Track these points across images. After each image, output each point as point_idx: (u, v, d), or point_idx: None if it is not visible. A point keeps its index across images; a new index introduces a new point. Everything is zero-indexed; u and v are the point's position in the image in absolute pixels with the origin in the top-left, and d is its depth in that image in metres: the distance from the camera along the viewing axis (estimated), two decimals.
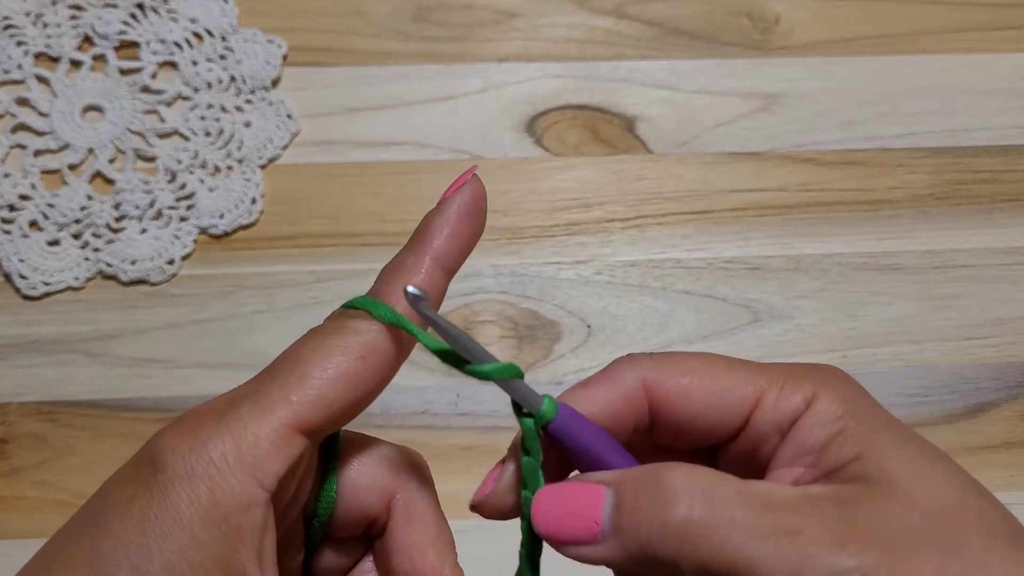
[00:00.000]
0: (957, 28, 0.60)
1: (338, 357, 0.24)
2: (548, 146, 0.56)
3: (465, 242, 0.26)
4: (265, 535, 0.23)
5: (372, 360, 0.24)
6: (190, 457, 0.22)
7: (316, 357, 0.24)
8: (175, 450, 0.22)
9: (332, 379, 0.23)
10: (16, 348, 0.49)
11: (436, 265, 0.25)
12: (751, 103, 0.57)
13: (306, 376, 0.23)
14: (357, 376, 0.24)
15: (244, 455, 0.22)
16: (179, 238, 0.52)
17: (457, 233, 0.26)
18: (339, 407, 0.23)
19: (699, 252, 0.53)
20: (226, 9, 0.57)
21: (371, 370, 0.24)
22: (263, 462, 0.22)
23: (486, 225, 0.27)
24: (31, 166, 0.53)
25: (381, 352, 0.24)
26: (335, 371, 0.23)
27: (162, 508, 0.22)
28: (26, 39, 0.56)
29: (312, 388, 0.23)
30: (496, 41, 0.58)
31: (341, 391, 0.23)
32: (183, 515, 0.22)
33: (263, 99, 0.55)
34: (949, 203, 0.55)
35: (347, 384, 0.23)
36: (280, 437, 0.23)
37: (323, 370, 0.23)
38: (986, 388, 0.51)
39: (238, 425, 0.23)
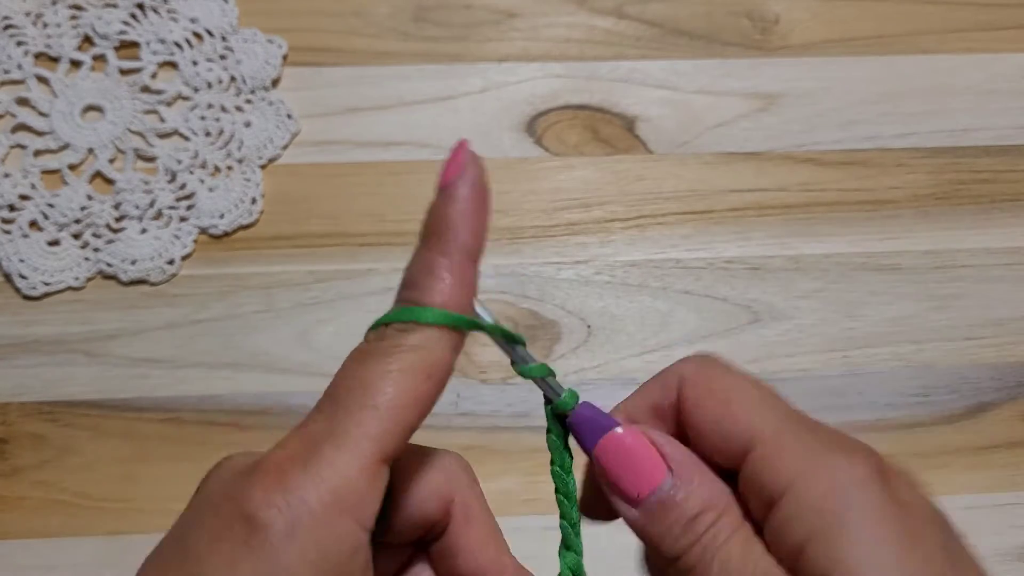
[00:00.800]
0: (957, 28, 0.60)
1: (407, 382, 0.23)
2: (548, 146, 0.56)
3: (484, 228, 0.25)
4: (368, 571, 0.22)
5: (438, 377, 0.24)
6: (289, 512, 0.21)
7: (384, 385, 0.23)
8: (272, 505, 0.21)
9: (405, 406, 0.23)
10: (16, 348, 0.49)
11: (467, 260, 0.25)
12: (751, 103, 0.57)
13: (380, 407, 0.23)
14: (427, 397, 0.23)
15: (343, 501, 0.22)
16: (179, 238, 0.52)
17: (476, 222, 0.25)
18: (413, 429, 0.23)
19: (699, 252, 0.53)
20: (226, 9, 0.57)
21: (438, 387, 0.24)
22: (361, 503, 0.22)
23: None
24: (31, 166, 0.53)
25: (444, 367, 0.24)
26: (407, 397, 0.23)
27: (272, 568, 0.21)
28: (26, 39, 0.56)
29: (388, 419, 0.23)
30: (496, 41, 0.58)
31: (414, 416, 0.23)
32: (291, 569, 0.21)
33: (263, 99, 0.55)
34: (949, 203, 0.55)
35: (419, 407, 0.23)
36: (371, 474, 0.22)
37: (395, 398, 0.23)
38: (986, 388, 0.51)
39: (328, 471, 0.22)
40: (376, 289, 0.51)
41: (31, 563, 0.46)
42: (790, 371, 0.51)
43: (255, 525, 0.21)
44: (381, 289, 0.51)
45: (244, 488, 0.22)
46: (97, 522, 0.46)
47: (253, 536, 0.21)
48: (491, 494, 0.27)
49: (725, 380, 0.25)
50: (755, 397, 0.24)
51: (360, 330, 0.26)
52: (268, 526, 0.21)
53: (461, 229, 0.25)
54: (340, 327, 0.50)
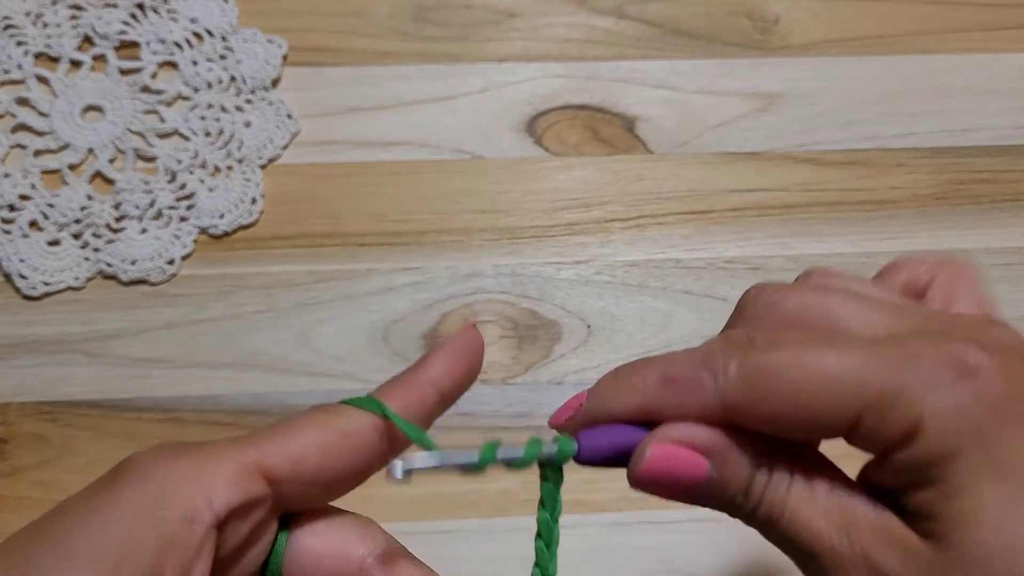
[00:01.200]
0: (957, 28, 0.60)
1: (321, 428, 0.25)
2: (548, 146, 0.56)
3: (462, 374, 0.27)
4: (198, 559, 0.23)
5: (352, 440, 0.25)
6: (150, 466, 0.23)
7: (301, 423, 0.25)
8: (138, 461, 0.23)
9: (308, 443, 0.24)
10: (16, 348, 0.49)
11: (433, 388, 0.27)
12: (751, 103, 0.57)
13: (283, 434, 0.24)
14: (334, 448, 0.25)
15: (202, 473, 0.23)
16: (179, 238, 0.52)
17: (455, 364, 0.27)
18: (309, 470, 0.24)
19: (699, 252, 0.53)
20: (226, 9, 0.57)
21: (349, 449, 0.25)
22: (218, 484, 0.23)
23: (487, 225, 0.28)
24: (31, 166, 0.53)
25: (363, 436, 0.25)
26: (313, 438, 0.25)
27: (110, 499, 0.22)
28: (26, 39, 0.56)
29: (286, 443, 0.24)
30: (496, 41, 0.58)
31: (313, 456, 0.24)
32: (127, 511, 0.22)
33: (263, 99, 0.55)
34: (949, 203, 0.55)
35: (322, 452, 0.24)
36: (242, 470, 0.23)
37: (302, 433, 0.25)
38: None
39: (204, 451, 0.24)
40: (376, 289, 0.51)
41: None
42: None
43: (118, 471, 0.23)
44: (381, 289, 0.51)
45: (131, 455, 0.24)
46: None
47: (112, 479, 0.23)
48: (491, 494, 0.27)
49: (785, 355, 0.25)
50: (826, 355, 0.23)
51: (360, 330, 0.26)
52: (126, 472, 0.23)
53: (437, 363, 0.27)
54: (340, 327, 0.50)
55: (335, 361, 0.50)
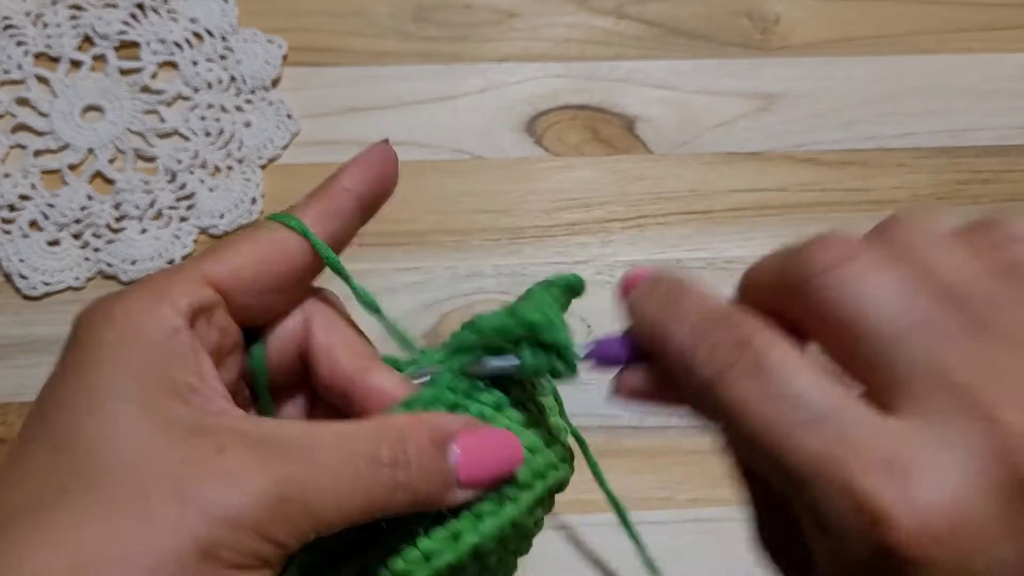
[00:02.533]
0: (957, 28, 0.60)
1: (253, 242, 0.27)
2: (548, 146, 0.56)
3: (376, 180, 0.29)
4: (198, 356, 0.25)
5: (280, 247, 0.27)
6: (106, 307, 0.25)
7: (236, 240, 0.27)
8: (91, 309, 0.25)
9: (243, 255, 0.27)
10: (16, 348, 0.49)
11: (348, 193, 0.29)
12: (751, 103, 0.57)
13: (222, 250, 0.27)
14: (266, 257, 0.27)
15: (157, 292, 0.25)
16: (179, 238, 0.52)
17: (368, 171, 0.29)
18: (248, 276, 0.27)
19: (699, 252, 0.53)
20: (226, 9, 0.57)
21: (280, 255, 0.27)
22: (175, 295, 0.25)
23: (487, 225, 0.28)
24: (31, 166, 0.53)
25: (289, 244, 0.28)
26: (247, 249, 0.27)
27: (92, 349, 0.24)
28: (26, 39, 0.56)
29: (225, 257, 0.27)
30: (496, 41, 0.58)
31: (250, 264, 0.27)
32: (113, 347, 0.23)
33: (263, 99, 0.55)
34: (949, 203, 0.55)
35: (257, 261, 0.27)
36: (189, 281, 0.25)
37: (238, 247, 0.27)
38: None
39: (149, 278, 0.26)
40: (376, 289, 0.51)
41: None
42: None
43: (77, 327, 0.25)
44: (381, 289, 0.51)
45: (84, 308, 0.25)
46: None
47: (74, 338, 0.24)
48: None
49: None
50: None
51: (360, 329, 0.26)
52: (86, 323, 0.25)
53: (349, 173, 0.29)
54: None
55: None
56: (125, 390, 0.23)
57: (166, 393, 0.23)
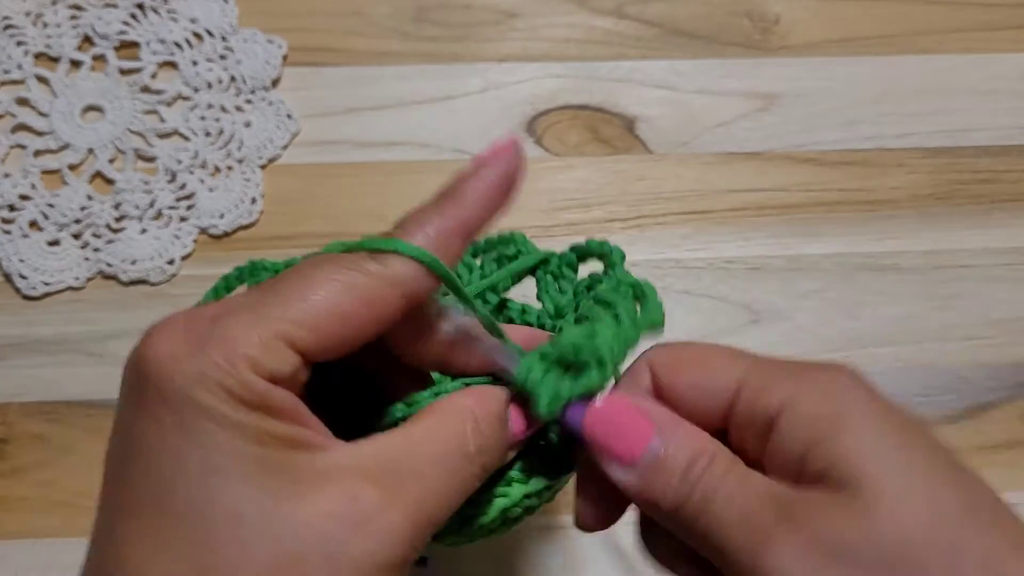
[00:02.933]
0: (957, 28, 0.60)
1: (344, 295, 0.24)
2: (548, 146, 0.56)
3: (488, 214, 0.27)
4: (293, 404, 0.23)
5: (376, 311, 0.24)
6: (192, 362, 0.22)
7: (320, 285, 0.24)
8: (171, 360, 0.23)
9: (329, 311, 0.24)
10: (16, 348, 0.49)
11: (459, 230, 0.26)
12: (751, 103, 0.57)
13: (304, 300, 0.24)
14: (356, 319, 0.24)
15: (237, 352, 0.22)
16: (179, 238, 0.52)
17: (489, 205, 0.26)
18: (333, 340, 0.24)
19: (699, 252, 0.53)
20: (226, 9, 0.57)
21: (373, 320, 0.24)
22: (255, 359, 0.22)
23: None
24: (31, 166, 0.53)
25: (386, 306, 0.25)
26: (334, 305, 0.24)
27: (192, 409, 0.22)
28: (26, 39, 0.56)
29: (307, 314, 0.23)
30: (496, 41, 0.58)
31: (334, 326, 0.24)
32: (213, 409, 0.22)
33: (263, 99, 0.55)
34: (949, 203, 0.55)
35: (344, 323, 0.24)
36: (270, 345, 0.23)
37: (324, 300, 0.24)
38: (986, 388, 0.51)
39: (228, 334, 0.23)
40: None
41: (31, 563, 0.46)
42: None
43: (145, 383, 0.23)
44: None
45: (144, 347, 0.23)
46: None
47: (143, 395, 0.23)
48: None
49: (691, 348, 0.27)
50: (725, 352, 0.26)
51: None
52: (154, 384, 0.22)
53: (468, 203, 0.26)
54: None
55: None
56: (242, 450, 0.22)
57: (278, 446, 0.22)
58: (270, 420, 0.22)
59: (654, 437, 0.25)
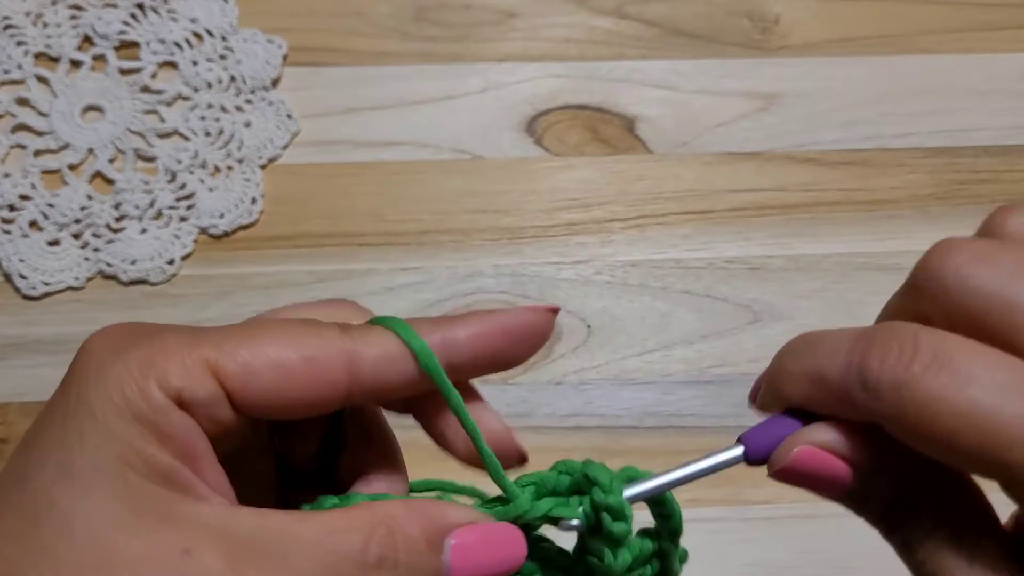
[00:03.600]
0: (957, 28, 0.60)
1: (289, 346, 0.23)
2: (548, 146, 0.56)
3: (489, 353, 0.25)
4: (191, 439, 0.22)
5: (315, 368, 0.23)
6: (106, 358, 0.22)
7: (269, 333, 0.23)
8: (94, 352, 0.23)
9: (267, 358, 0.22)
10: (16, 348, 0.49)
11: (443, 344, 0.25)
12: (751, 103, 0.57)
13: (247, 339, 0.23)
14: (293, 371, 0.23)
15: (155, 363, 0.22)
16: (179, 238, 0.52)
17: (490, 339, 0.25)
18: (261, 386, 0.22)
19: (699, 252, 0.53)
20: (226, 9, 0.57)
21: (309, 376, 0.23)
22: (170, 376, 0.22)
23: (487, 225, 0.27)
24: (31, 166, 0.53)
25: (328, 368, 0.23)
26: (276, 353, 0.23)
27: (79, 406, 0.22)
28: (26, 39, 0.56)
29: (245, 351, 0.22)
30: (496, 41, 0.58)
31: (269, 373, 0.22)
32: (99, 411, 0.21)
33: (263, 99, 0.55)
34: (949, 203, 0.55)
35: (278, 372, 0.23)
36: (193, 364, 0.22)
37: (266, 344, 0.23)
38: None
39: (159, 339, 0.22)
40: (376, 289, 0.51)
41: None
42: None
43: (73, 369, 0.23)
44: (381, 289, 0.51)
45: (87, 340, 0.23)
46: None
47: (69, 379, 0.22)
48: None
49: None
50: None
51: None
52: (81, 370, 0.22)
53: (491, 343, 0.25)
54: None
55: None
56: (103, 463, 0.21)
57: (146, 474, 0.21)
58: (152, 443, 0.21)
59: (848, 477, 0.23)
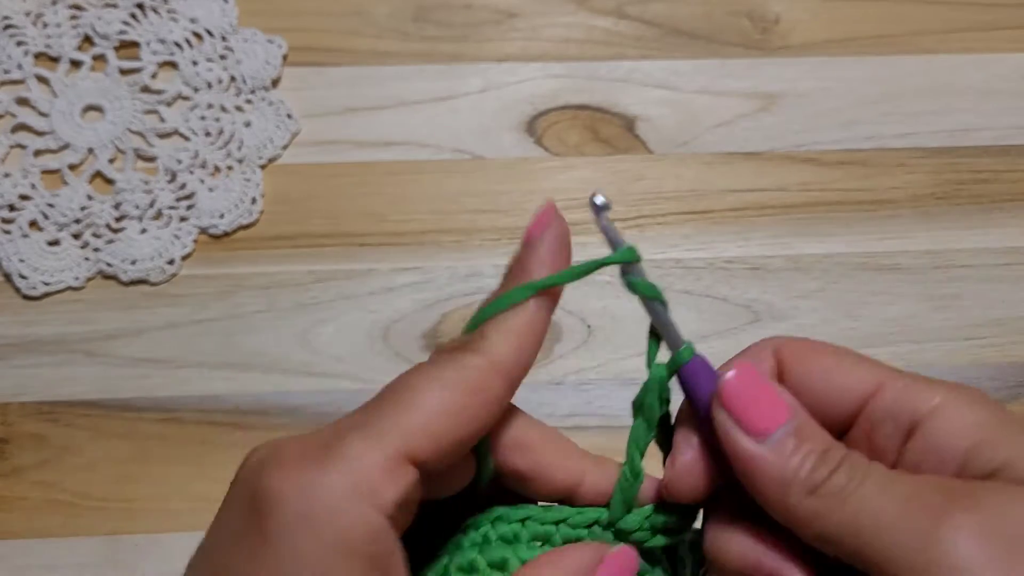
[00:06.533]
0: (957, 28, 0.60)
1: (448, 391, 0.23)
2: (548, 146, 0.56)
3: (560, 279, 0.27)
4: (393, 559, 0.22)
5: (482, 397, 0.24)
6: (304, 496, 0.21)
7: (426, 388, 0.23)
8: (284, 491, 0.21)
9: (440, 412, 0.23)
10: (16, 348, 0.49)
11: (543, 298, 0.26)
12: (751, 103, 0.57)
13: (415, 407, 0.23)
14: (466, 411, 0.24)
15: (359, 486, 0.21)
16: (179, 238, 0.52)
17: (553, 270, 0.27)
18: (448, 440, 0.23)
19: (699, 252, 0.53)
20: (226, 9, 0.57)
21: (480, 406, 0.24)
22: (376, 492, 0.22)
23: (487, 225, 0.28)
24: (31, 166, 0.53)
25: (489, 390, 0.24)
26: (444, 405, 0.23)
27: (287, 552, 0.21)
28: (26, 39, 0.56)
29: (421, 419, 0.23)
30: (496, 41, 0.58)
31: (449, 425, 0.23)
32: (309, 556, 0.21)
33: (263, 99, 0.55)
34: (949, 203, 0.55)
35: (455, 419, 0.23)
36: (393, 465, 0.22)
37: (432, 402, 0.23)
38: (987, 388, 0.51)
39: (346, 458, 0.22)
40: (376, 289, 0.51)
41: (31, 563, 0.46)
42: None
43: (267, 511, 0.21)
44: (381, 289, 0.51)
45: (261, 475, 0.22)
46: (97, 522, 0.46)
47: (266, 522, 0.21)
48: None
49: (822, 344, 0.26)
50: (854, 353, 0.26)
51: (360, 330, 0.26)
52: (281, 511, 0.21)
53: (537, 273, 0.27)
54: (340, 327, 0.50)
55: (335, 361, 0.50)
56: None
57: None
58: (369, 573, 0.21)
59: (792, 414, 0.24)
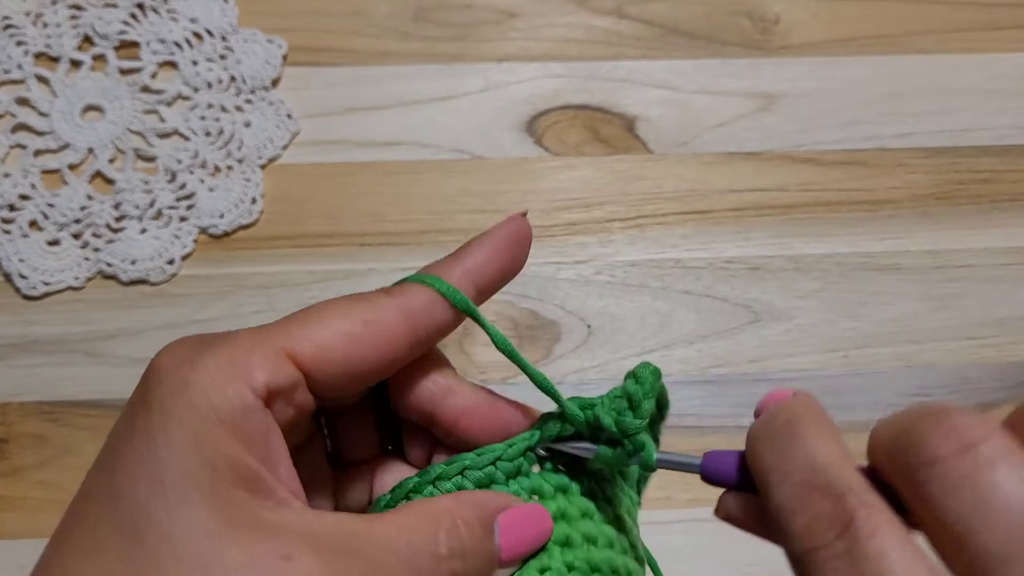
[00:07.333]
0: (957, 28, 0.60)
1: (345, 316, 0.25)
2: (548, 146, 0.56)
3: (499, 269, 0.28)
4: (270, 439, 0.23)
5: (376, 328, 0.25)
6: (183, 369, 0.23)
7: (327, 310, 0.25)
8: (168, 367, 0.23)
9: (333, 331, 0.25)
10: (16, 348, 0.49)
11: (467, 277, 0.27)
12: (751, 103, 0.57)
13: (309, 320, 0.25)
14: (358, 336, 0.25)
15: (235, 364, 0.23)
16: (179, 238, 0.52)
17: (497, 256, 0.28)
18: (335, 357, 0.25)
19: (699, 252, 0.53)
20: (226, 9, 0.57)
21: (373, 337, 0.25)
22: (252, 372, 0.23)
23: (487, 225, 0.28)
24: (31, 166, 0.53)
25: (387, 324, 0.25)
26: (337, 325, 0.25)
27: (163, 418, 0.22)
28: (26, 39, 0.56)
29: (311, 330, 0.24)
30: (496, 41, 0.58)
31: (337, 343, 0.25)
32: (184, 420, 0.22)
33: (263, 99, 0.55)
34: (949, 203, 0.55)
35: (344, 339, 0.25)
36: (270, 354, 0.24)
37: (326, 320, 0.25)
38: (987, 388, 0.51)
39: (231, 342, 0.24)
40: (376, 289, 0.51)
41: (31, 563, 0.46)
42: (790, 371, 0.51)
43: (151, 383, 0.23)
44: None
45: (155, 357, 0.24)
46: None
47: (149, 393, 0.23)
48: None
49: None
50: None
51: None
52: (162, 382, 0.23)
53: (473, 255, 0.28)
54: None
55: None
56: (194, 473, 0.22)
57: (233, 480, 0.22)
58: (238, 448, 0.22)
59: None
